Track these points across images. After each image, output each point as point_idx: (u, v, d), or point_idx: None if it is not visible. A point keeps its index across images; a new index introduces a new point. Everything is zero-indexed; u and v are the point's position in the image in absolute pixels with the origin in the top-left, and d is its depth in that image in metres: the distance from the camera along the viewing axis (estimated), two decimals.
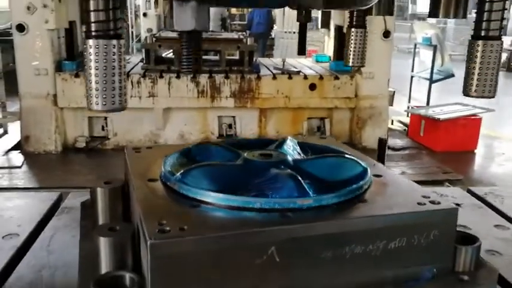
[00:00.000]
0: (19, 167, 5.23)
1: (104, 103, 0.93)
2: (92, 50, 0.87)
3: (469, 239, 1.04)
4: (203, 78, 5.97)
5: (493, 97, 1.70)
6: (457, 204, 1.97)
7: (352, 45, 2.48)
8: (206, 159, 1.14)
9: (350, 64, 2.55)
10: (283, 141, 1.24)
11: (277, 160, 1.08)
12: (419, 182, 3.93)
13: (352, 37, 2.38)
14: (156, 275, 0.81)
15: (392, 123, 7.15)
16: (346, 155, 1.15)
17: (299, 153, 1.23)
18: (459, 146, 6.22)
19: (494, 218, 1.83)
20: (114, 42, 0.88)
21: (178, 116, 6.12)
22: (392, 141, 6.48)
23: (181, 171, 1.03)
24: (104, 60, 0.87)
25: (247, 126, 6.19)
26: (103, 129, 6.12)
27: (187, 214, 0.92)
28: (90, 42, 0.87)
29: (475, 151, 6.33)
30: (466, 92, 1.58)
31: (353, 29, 2.45)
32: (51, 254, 1.55)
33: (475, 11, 1.62)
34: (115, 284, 0.88)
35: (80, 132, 5.97)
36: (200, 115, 6.13)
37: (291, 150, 1.22)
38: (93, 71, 0.89)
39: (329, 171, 1.09)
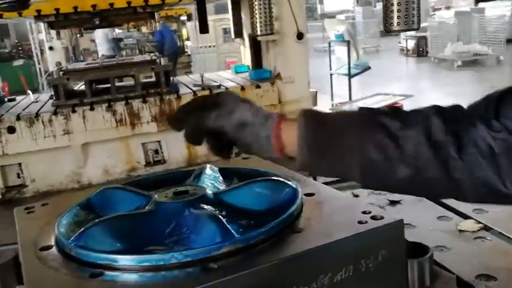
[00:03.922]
0: None
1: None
2: None
3: (420, 249, 0.93)
4: (119, 106, 5.67)
5: (418, 28, 1.62)
6: (397, 202, 1.91)
7: (257, 14, 2.35)
8: (110, 210, 0.96)
9: (259, 33, 2.48)
10: (201, 172, 1.09)
11: (195, 198, 0.93)
12: None
13: (256, 2, 2.25)
14: None
15: None
16: (272, 177, 1.02)
17: (221, 182, 1.08)
18: None
19: (435, 209, 1.78)
20: None
21: (99, 149, 5.77)
22: None
23: (77, 232, 0.85)
24: None
25: (174, 149, 5.96)
26: (19, 176, 5.64)
27: (87, 287, 0.74)
28: None
29: None
30: (388, 29, 1.51)
31: None
32: None
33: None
34: None
35: None
36: (122, 145, 5.82)
37: (212, 180, 1.07)
38: None
39: (255, 199, 0.95)
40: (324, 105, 7.54)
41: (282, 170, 1.17)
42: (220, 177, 1.10)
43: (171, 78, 6.73)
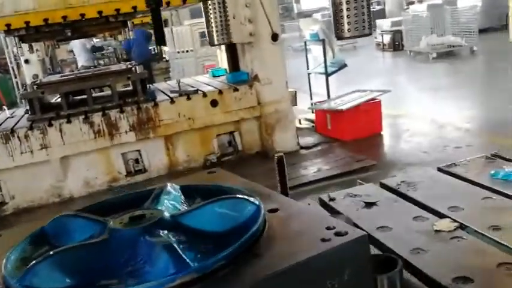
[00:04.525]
0: None
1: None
2: None
3: (389, 262, 0.90)
4: (97, 117, 5.59)
5: (370, 34, 1.59)
6: (373, 203, 1.88)
7: (213, 22, 2.23)
8: (64, 239, 0.91)
9: (216, 43, 2.34)
10: (160, 192, 1.04)
11: (151, 223, 0.88)
12: (336, 176, 3.85)
13: (211, 11, 2.13)
14: None
15: (300, 123, 7.19)
16: (236, 195, 0.97)
17: (183, 202, 1.04)
18: (366, 132, 6.35)
19: (411, 209, 1.76)
20: None
21: (78, 162, 5.68)
22: (303, 140, 6.49)
23: (26, 267, 0.80)
24: None
25: (154, 157, 5.89)
26: None
27: None
28: None
29: (382, 133, 6.50)
30: (339, 35, 1.46)
31: (209, 2, 2.12)
32: None
33: None
34: None
35: None
36: (102, 156, 5.74)
37: (172, 200, 1.02)
38: None
39: (216, 220, 0.91)
40: (304, 105, 7.52)
41: (247, 185, 1.13)
42: (182, 197, 1.06)
43: (148, 85, 6.66)
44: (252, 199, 0.94)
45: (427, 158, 5.53)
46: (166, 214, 0.92)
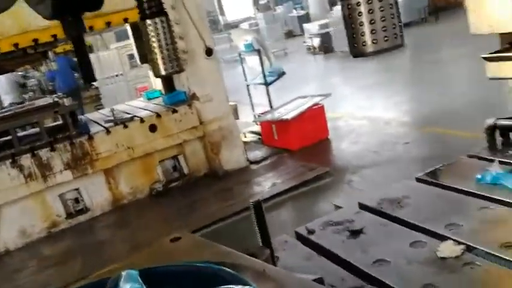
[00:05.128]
0: None
1: None
2: None
3: None
4: (25, 159, 5.10)
5: (402, 45, 1.28)
6: (359, 231, 1.66)
7: (157, 46, 1.75)
8: None
9: (163, 73, 1.86)
10: (115, 285, 0.75)
11: None
12: (292, 188, 3.61)
13: (152, 33, 1.65)
14: None
15: (245, 136, 6.96)
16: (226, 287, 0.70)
17: None
18: (313, 138, 6.24)
19: (404, 233, 1.55)
20: None
21: (11, 211, 5.16)
22: (252, 154, 6.27)
23: None
24: None
25: (96, 194, 5.46)
26: None
27: None
28: None
29: (329, 137, 6.40)
30: (359, 51, 1.11)
31: (149, 21, 1.68)
32: None
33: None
34: None
35: None
36: (37, 201, 5.24)
37: None
38: None
39: None
40: (246, 118, 7.30)
41: (224, 255, 0.86)
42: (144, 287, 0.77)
43: (79, 117, 6.20)
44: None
45: (379, 158, 5.47)
46: None
